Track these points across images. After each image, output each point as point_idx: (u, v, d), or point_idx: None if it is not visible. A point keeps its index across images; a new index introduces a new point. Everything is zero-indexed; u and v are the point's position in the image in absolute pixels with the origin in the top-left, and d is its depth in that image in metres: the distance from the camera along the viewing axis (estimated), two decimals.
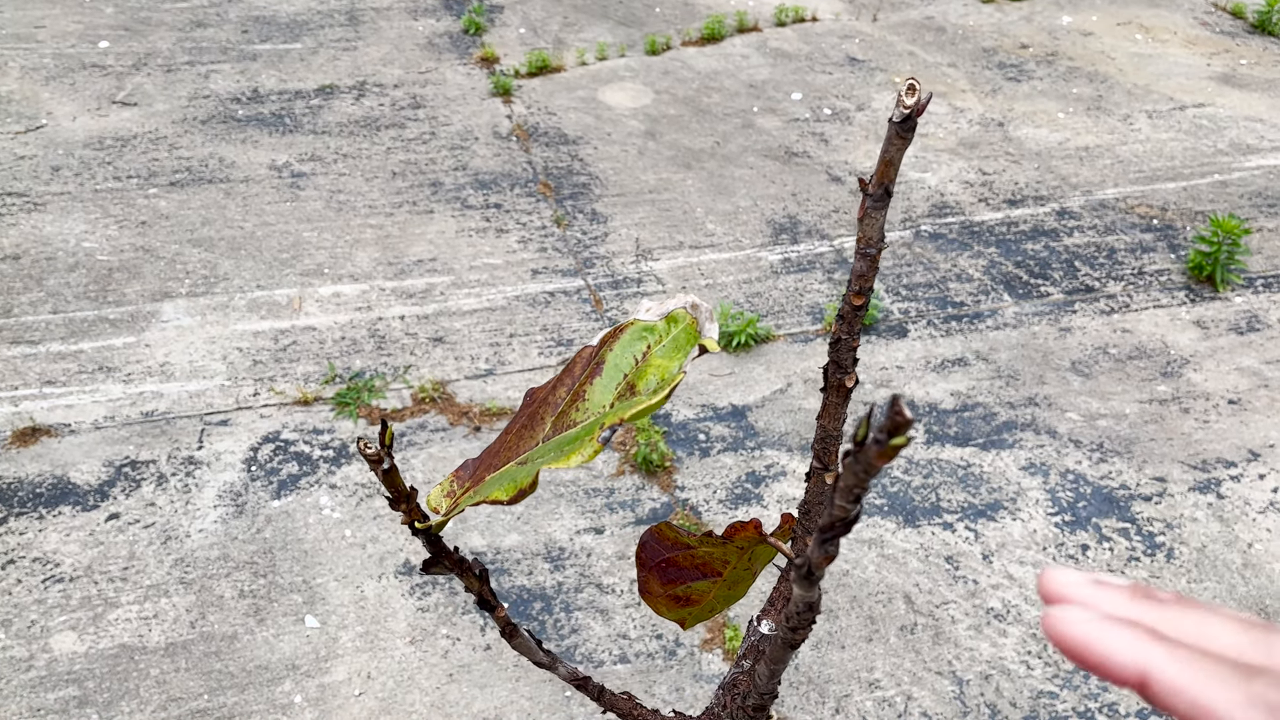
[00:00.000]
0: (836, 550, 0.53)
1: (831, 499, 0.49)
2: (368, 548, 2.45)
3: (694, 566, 0.90)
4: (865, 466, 0.46)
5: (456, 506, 0.72)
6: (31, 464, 2.61)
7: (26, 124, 3.95)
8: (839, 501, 0.49)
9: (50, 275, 3.21)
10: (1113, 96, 4.57)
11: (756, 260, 3.47)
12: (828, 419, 0.78)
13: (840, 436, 0.80)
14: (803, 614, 0.57)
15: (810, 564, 0.53)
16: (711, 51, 4.84)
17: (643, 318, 0.69)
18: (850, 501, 0.49)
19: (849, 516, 0.50)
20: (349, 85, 4.38)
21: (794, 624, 0.59)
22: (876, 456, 0.44)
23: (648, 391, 0.64)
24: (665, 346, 0.67)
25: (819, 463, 0.79)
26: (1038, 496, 2.62)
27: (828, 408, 0.77)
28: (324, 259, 3.36)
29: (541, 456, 0.66)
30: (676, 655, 2.25)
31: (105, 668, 2.17)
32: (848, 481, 0.48)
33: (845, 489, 0.48)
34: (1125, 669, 0.34)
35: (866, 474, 0.46)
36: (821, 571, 0.54)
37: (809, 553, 0.52)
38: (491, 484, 0.68)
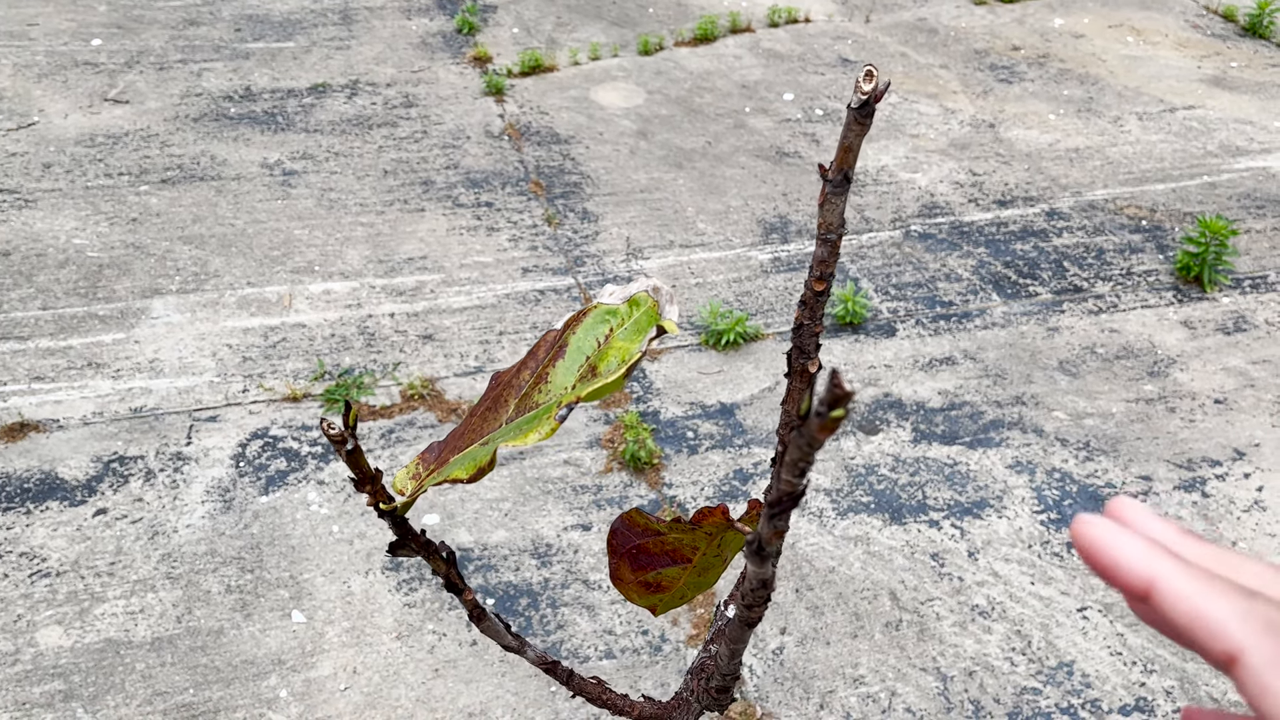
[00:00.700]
0: (786, 525, 0.54)
1: (778, 474, 0.50)
2: (355, 543, 2.45)
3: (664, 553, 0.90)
4: (809, 440, 0.46)
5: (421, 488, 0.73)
6: (19, 459, 2.62)
7: (18, 121, 3.96)
8: (785, 476, 0.50)
9: (40, 272, 3.22)
10: (1103, 98, 4.58)
11: (747, 259, 3.48)
12: (792, 404, 0.79)
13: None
14: (757, 591, 0.58)
15: (760, 540, 0.53)
16: (704, 52, 4.86)
17: (606, 301, 0.70)
18: (796, 475, 0.50)
19: (796, 490, 0.51)
20: (342, 84, 4.38)
21: (749, 601, 0.60)
22: (819, 429, 0.45)
23: (609, 373, 0.65)
24: (627, 329, 0.68)
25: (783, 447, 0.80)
26: (1024, 494, 2.63)
27: (792, 393, 0.77)
28: (315, 256, 3.36)
29: (501, 435, 0.66)
30: (662, 651, 2.26)
31: (91, 662, 2.18)
32: (793, 456, 0.49)
33: (791, 463, 0.49)
34: (1133, 575, 0.35)
35: (810, 447, 0.47)
36: (773, 547, 0.55)
37: (759, 528, 0.53)
38: (454, 464, 0.68)
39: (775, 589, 0.62)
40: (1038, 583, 2.40)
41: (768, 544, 0.53)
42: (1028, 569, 2.44)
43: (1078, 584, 2.40)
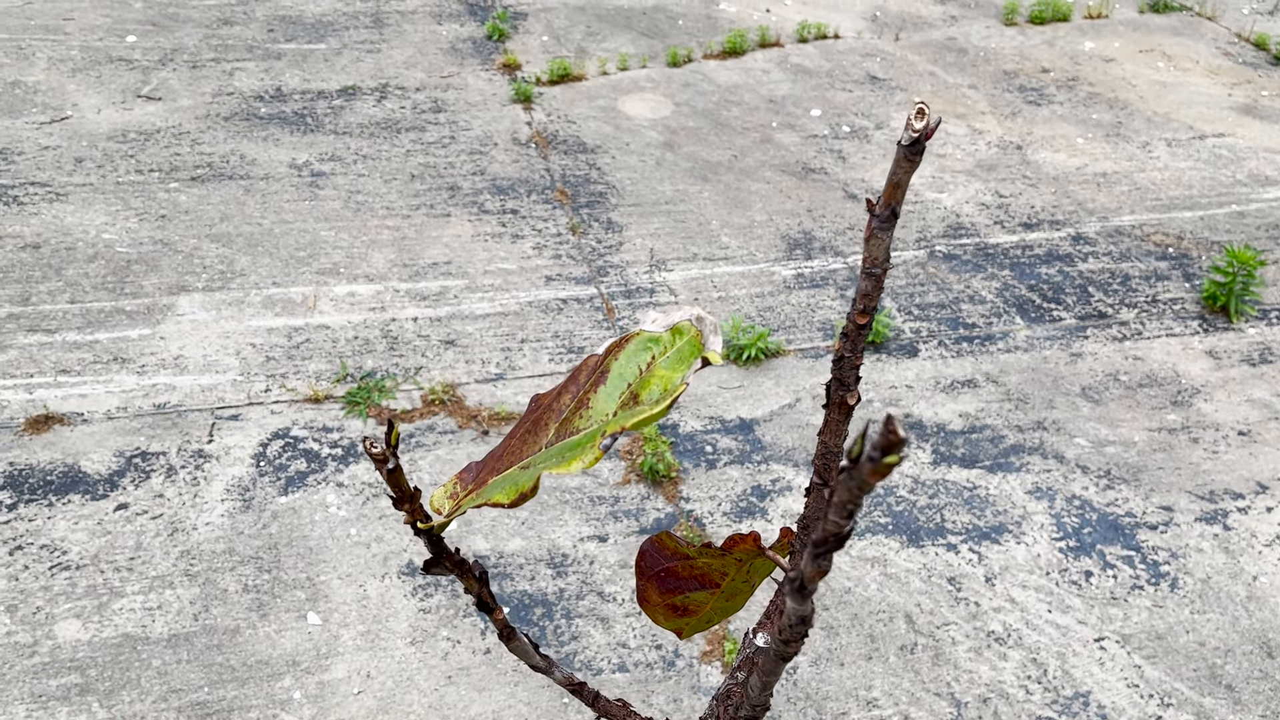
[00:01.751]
0: (829, 565, 0.54)
1: (825, 514, 0.50)
2: (372, 547, 2.46)
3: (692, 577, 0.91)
4: (859, 483, 0.46)
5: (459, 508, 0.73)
6: (43, 451, 2.64)
7: (52, 114, 4.00)
8: (833, 516, 0.50)
9: (69, 265, 3.25)
10: (1132, 123, 4.56)
11: (770, 274, 3.48)
12: (829, 435, 0.79)
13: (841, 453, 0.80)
14: (795, 627, 0.58)
15: (803, 578, 0.53)
16: (733, 65, 4.86)
17: (648, 328, 0.71)
18: (844, 517, 0.50)
19: (842, 532, 0.51)
20: (371, 87, 4.41)
21: (786, 637, 0.59)
22: (870, 474, 0.45)
23: (650, 401, 0.65)
24: (669, 358, 0.68)
25: (819, 479, 0.80)
26: (1043, 521, 2.62)
27: (829, 424, 0.77)
28: (340, 258, 3.38)
29: (544, 461, 0.67)
30: (675, 666, 2.25)
31: (108, 656, 2.19)
32: (842, 497, 0.49)
33: (839, 504, 0.49)
34: None
35: (860, 490, 0.47)
36: (814, 586, 0.55)
37: (802, 566, 0.53)
38: (494, 487, 0.69)
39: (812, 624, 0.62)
40: (1055, 610, 2.39)
41: (809, 582, 0.53)
42: (1045, 596, 2.42)
43: (1096, 614, 2.39)
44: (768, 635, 0.85)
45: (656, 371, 0.67)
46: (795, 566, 0.85)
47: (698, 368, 0.63)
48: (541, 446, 0.71)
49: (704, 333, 0.67)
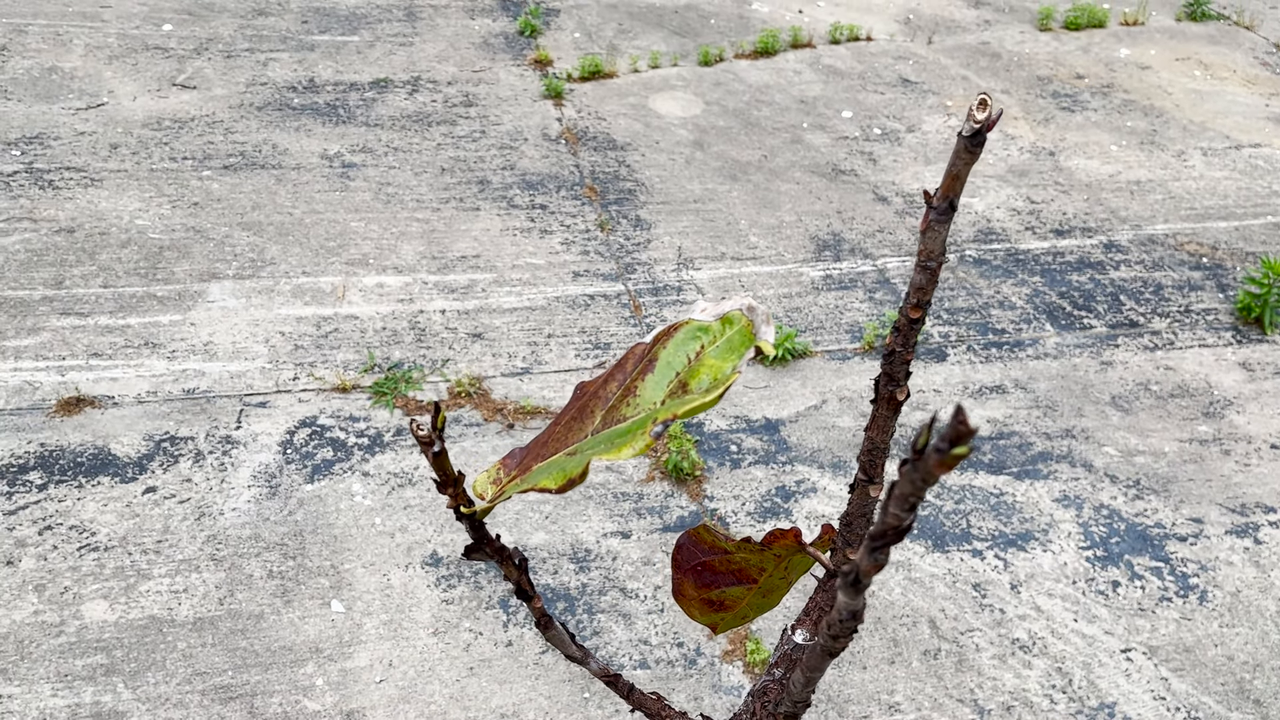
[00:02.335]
0: (886, 559, 0.53)
1: (886, 506, 0.49)
2: (396, 537, 2.47)
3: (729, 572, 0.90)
4: (924, 475, 0.46)
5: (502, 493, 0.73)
6: (74, 433, 2.66)
7: (88, 101, 4.03)
8: (893, 510, 0.49)
9: (103, 250, 3.27)
10: (1167, 132, 4.52)
11: (798, 275, 3.47)
12: (876, 431, 0.78)
13: (888, 449, 0.80)
14: (846, 622, 0.57)
15: (859, 571, 0.53)
16: (764, 65, 4.85)
17: (697, 317, 0.70)
18: (905, 510, 0.49)
19: (901, 525, 0.50)
20: (403, 80, 4.43)
21: (835, 632, 0.59)
22: (936, 465, 0.44)
23: (700, 390, 0.65)
24: (719, 347, 0.67)
25: (864, 475, 0.79)
26: (1070, 529, 2.60)
27: (877, 420, 0.77)
28: (370, 249, 3.40)
29: (592, 447, 0.66)
30: (696, 664, 2.25)
31: (134, 638, 2.21)
32: (904, 490, 0.48)
33: (901, 497, 0.48)
34: None
35: (924, 483, 0.46)
36: (869, 580, 0.54)
37: (858, 560, 0.52)
38: (539, 473, 0.68)
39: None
40: (1081, 620, 2.37)
41: (865, 576, 0.53)
42: (1071, 605, 2.40)
43: (1123, 624, 2.36)
44: (806, 632, 0.85)
45: (706, 361, 0.66)
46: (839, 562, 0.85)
47: (750, 357, 0.63)
48: (587, 434, 0.70)
49: (755, 322, 0.67)
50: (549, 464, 0.69)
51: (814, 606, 0.84)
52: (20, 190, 3.49)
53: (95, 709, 2.08)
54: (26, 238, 3.28)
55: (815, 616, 0.84)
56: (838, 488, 2.68)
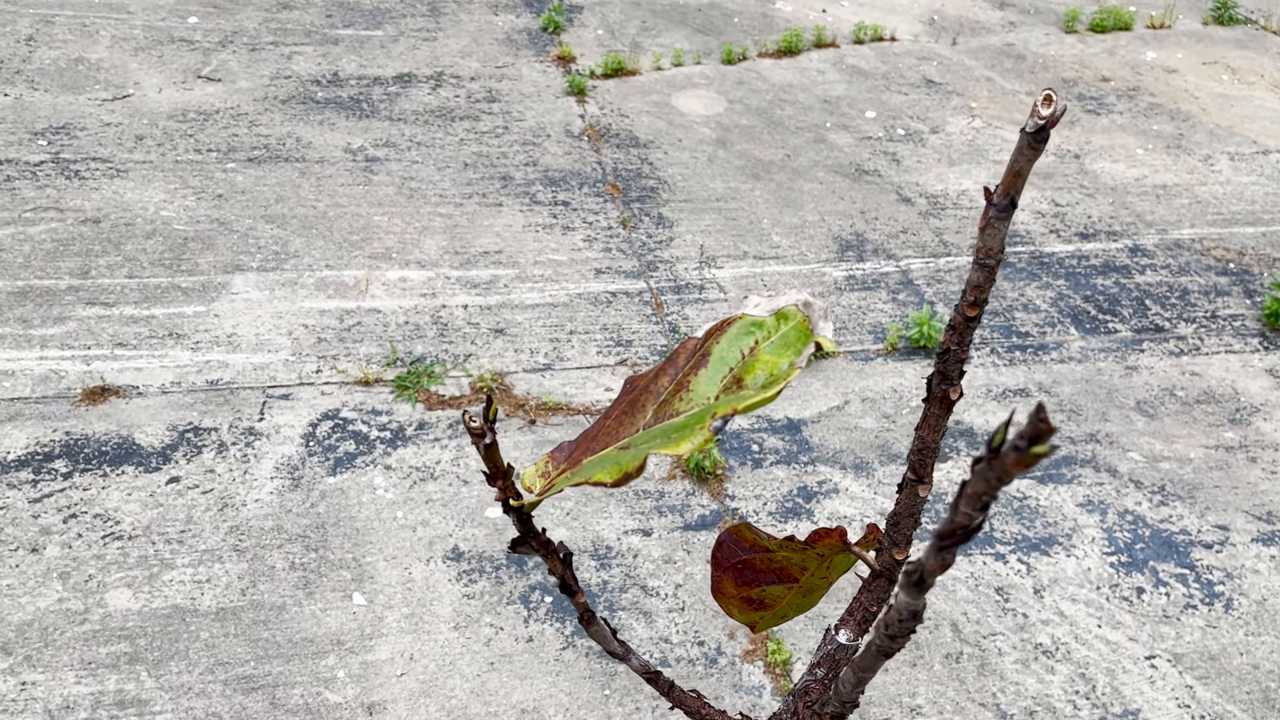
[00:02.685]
0: (953, 558, 0.52)
1: (956, 505, 0.49)
2: (418, 531, 2.47)
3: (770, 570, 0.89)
4: (1000, 474, 0.45)
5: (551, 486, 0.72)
6: (99, 422, 2.67)
7: (114, 92, 4.05)
8: (964, 508, 0.49)
9: (128, 241, 3.29)
10: (1194, 136, 4.48)
11: (821, 275, 3.46)
12: (927, 430, 0.77)
13: (938, 449, 0.79)
14: (905, 622, 0.56)
15: (924, 571, 0.52)
16: (787, 64, 4.83)
17: (751, 312, 0.69)
18: (976, 509, 0.48)
19: (971, 524, 0.49)
20: (427, 75, 4.43)
21: (893, 632, 0.58)
22: (1014, 464, 0.44)
23: (755, 386, 0.64)
24: (774, 343, 0.67)
25: (913, 474, 0.79)
26: (1094, 534, 2.58)
27: (928, 419, 0.76)
28: (393, 243, 3.40)
29: (647, 441, 0.66)
30: (717, 664, 2.24)
31: (157, 627, 2.22)
32: (977, 488, 0.48)
33: (973, 495, 0.48)
34: None
35: (1000, 482, 0.46)
36: (933, 580, 0.54)
37: (923, 559, 0.52)
38: (592, 466, 0.68)
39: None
40: (1105, 626, 2.35)
41: (929, 576, 0.52)
42: (1095, 611, 2.39)
43: (1147, 631, 2.34)
44: (850, 632, 0.84)
45: (760, 356, 0.66)
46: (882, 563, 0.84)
47: (810, 352, 0.62)
48: (639, 428, 0.70)
49: (812, 318, 0.66)
50: (601, 458, 0.69)
51: (858, 606, 0.83)
52: (47, 180, 3.51)
53: (119, 697, 2.09)
54: (53, 227, 3.30)
55: (859, 617, 0.84)
56: (859, 489, 2.67)
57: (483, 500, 2.57)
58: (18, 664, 2.13)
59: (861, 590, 0.85)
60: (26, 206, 3.37)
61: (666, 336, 3.13)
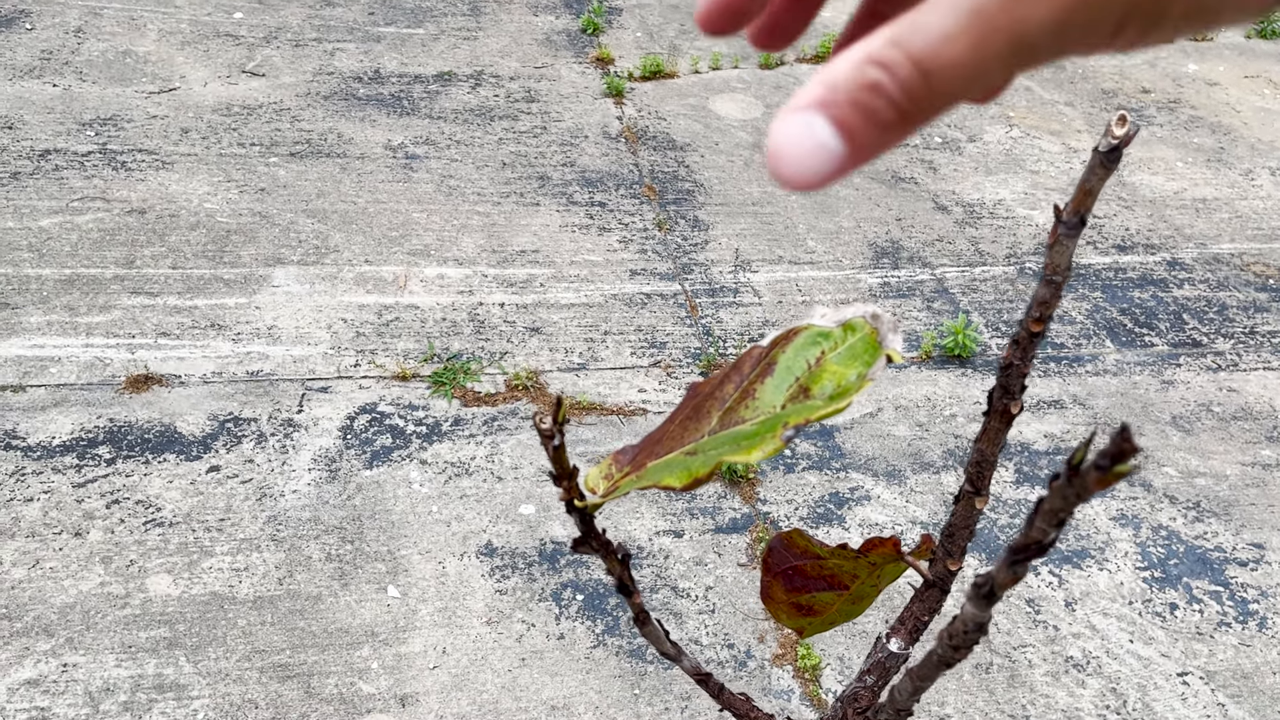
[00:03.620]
0: (1025, 572, 0.54)
1: (1032, 520, 0.50)
2: (452, 526, 2.50)
3: (821, 577, 0.91)
4: (1079, 491, 0.46)
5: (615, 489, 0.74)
6: (142, 410, 2.72)
7: (161, 85, 4.12)
8: (1040, 524, 0.50)
9: (172, 232, 3.34)
10: (1235, 150, 4.44)
11: (855, 282, 3.46)
12: (986, 443, 0.78)
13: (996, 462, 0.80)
14: (970, 633, 0.58)
15: (994, 584, 0.53)
16: None
17: (817, 323, 0.70)
18: (1052, 525, 0.50)
19: (1045, 540, 0.51)
20: (467, 74, 4.47)
21: (958, 643, 0.59)
22: (1096, 482, 0.45)
23: (823, 396, 0.65)
24: (841, 354, 0.68)
25: (971, 486, 0.80)
26: (1127, 549, 2.57)
27: (988, 432, 0.77)
28: (431, 240, 3.43)
29: (716, 448, 0.67)
30: (746, 667, 2.25)
31: (196, 613, 2.26)
32: (1054, 505, 0.49)
33: (1049, 512, 0.49)
34: None
35: (1078, 499, 0.47)
36: (1003, 593, 0.55)
37: (994, 572, 0.53)
38: (658, 470, 0.69)
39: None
40: (1137, 641, 2.34)
41: (1000, 589, 0.53)
42: (1127, 625, 2.38)
43: (1180, 648, 2.33)
44: (901, 640, 0.85)
45: (828, 367, 0.67)
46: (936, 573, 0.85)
47: (883, 365, 0.63)
48: (704, 434, 0.71)
49: (881, 330, 0.67)
50: (667, 462, 0.70)
51: (909, 615, 0.84)
52: (94, 171, 3.57)
53: (157, 681, 2.12)
54: (100, 217, 3.36)
55: (910, 626, 0.85)
56: (891, 496, 2.67)
57: (516, 497, 2.59)
58: (59, 646, 2.18)
59: (914, 600, 0.86)
60: (74, 196, 3.44)
61: (700, 339, 3.14)
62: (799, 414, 0.63)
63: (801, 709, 2.18)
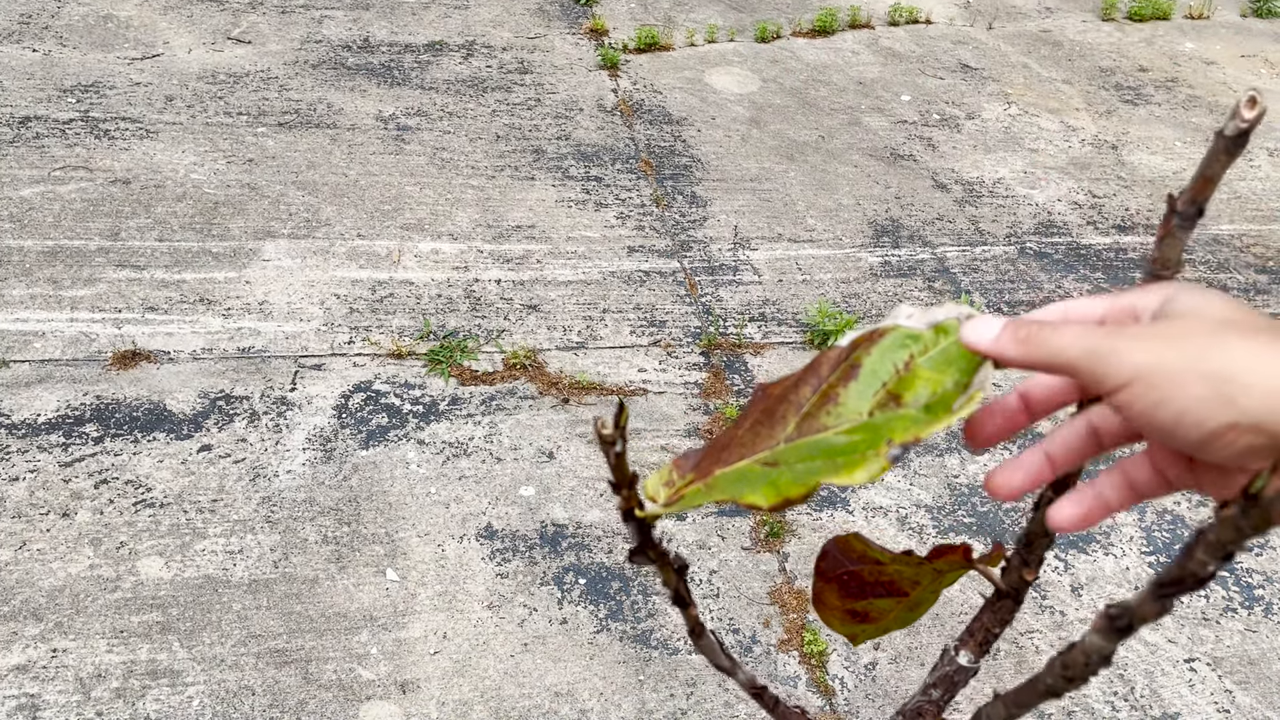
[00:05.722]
0: (1172, 607, 0.49)
1: (1191, 551, 0.45)
2: (451, 507, 2.45)
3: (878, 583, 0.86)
4: (1257, 523, 0.42)
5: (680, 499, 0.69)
6: (130, 387, 2.65)
7: (143, 51, 4.00)
8: (1201, 555, 0.45)
9: (158, 203, 3.25)
10: None
11: (856, 260, 3.41)
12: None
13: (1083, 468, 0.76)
14: (1092, 665, 0.53)
15: (1133, 617, 0.49)
16: (821, 44, 4.76)
17: (904, 324, 0.65)
18: (1217, 558, 0.45)
19: (1204, 575, 0.46)
20: (458, 44, 4.37)
21: (1073, 674, 0.55)
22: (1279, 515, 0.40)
23: (916, 405, 0.60)
24: (933, 358, 0.63)
25: (1053, 492, 0.75)
26: (1132, 533, 2.55)
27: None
28: (425, 215, 3.36)
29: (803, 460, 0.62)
30: (752, 652, 2.22)
31: (189, 597, 2.20)
32: (1224, 536, 0.44)
33: (1215, 544, 0.44)
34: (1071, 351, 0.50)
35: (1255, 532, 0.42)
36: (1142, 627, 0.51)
37: (1136, 604, 0.48)
38: (733, 483, 0.64)
39: None
40: (1143, 627, 2.33)
41: (1139, 622, 0.49)
42: None
43: (1186, 633, 2.32)
44: (970, 654, 0.81)
45: (919, 372, 0.62)
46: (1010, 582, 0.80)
47: (991, 372, 0.58)
48: (779, 441, 0.66)
49: None
50: (741, 473, 0.65)
51: (979, 627, 0.80)
52: (76, 139, 3.46)
53: (151, 667, 2.07)
54: (83, 187, 3.26)
55: (980, 638, 0.81)
56: (895, 479, 2.64)
57: (516, 479, 2.55)
58: (48, 630, 2.12)
59: (984, 610, 0.82)
60: (56, 165, 3.33)
61: (700, 318, 3.09)
62: (904, 428, 0.58)
63: (808, 695, 2.16)
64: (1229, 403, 0.41)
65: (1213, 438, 0.42)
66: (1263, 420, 0.41)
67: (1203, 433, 0.42)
